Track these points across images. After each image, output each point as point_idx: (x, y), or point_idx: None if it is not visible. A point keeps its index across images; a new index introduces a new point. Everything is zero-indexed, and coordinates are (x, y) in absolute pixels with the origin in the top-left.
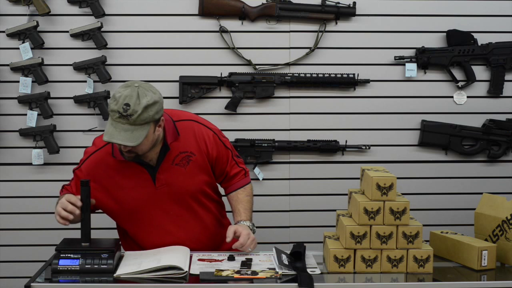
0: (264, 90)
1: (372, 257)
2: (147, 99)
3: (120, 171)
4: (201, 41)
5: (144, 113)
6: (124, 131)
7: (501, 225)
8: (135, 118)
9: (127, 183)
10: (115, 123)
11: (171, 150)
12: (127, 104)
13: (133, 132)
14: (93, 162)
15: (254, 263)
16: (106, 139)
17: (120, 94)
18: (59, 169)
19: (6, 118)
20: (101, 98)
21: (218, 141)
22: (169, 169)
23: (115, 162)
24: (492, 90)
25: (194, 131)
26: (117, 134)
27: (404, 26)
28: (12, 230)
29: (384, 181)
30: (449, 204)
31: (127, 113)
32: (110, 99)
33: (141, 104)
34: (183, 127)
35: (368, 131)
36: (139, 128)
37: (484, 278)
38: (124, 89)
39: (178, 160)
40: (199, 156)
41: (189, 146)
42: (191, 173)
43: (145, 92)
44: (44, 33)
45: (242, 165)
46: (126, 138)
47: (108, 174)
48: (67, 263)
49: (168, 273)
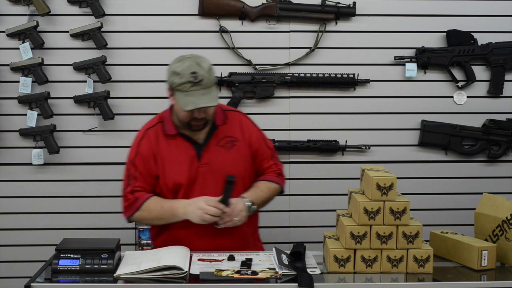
0: (264, 90)
1: (372, 257)
2: (206, 62)
3: (170, 146)
4: (201, 41)
5: (210, 75)
6: (202, 95)
7: (501, 225)
8: (206, 81)
9: (175, 157)
10: (190, 92)
11: (218, 132)
12: (194, 72)
13: (210, 94)
14: (149, 138)
15: (254, 263)
16: (191, 107)
17: (181, 68)
18: (59, 169)
19: (6, 118)
20: (101, 98)
21: (261, 138)
22: (214, 149)
23: (165, 138)
24: (492, 90)
25: (241, 121)
26: (198, 100)
27: (404, 26)
28: (12, 230)
29: (384, 181)
30: (449, 204)
31: (198, 79)
32: (170, 76)
33: (204, 69)
34: (231, 115)
35: (368, 131)
36: (212, 90)
37: (484, 278)
38: (181, 63)
39: (224, 143)
40: (242, 143)
41: (235, 132)
42: (233, 157)
43: (201, 59)
44: (44, 33)
45: (280, 167)
46: (208, 100)
47: (160, 148)
48: (67, 263)
49: (168, 273)
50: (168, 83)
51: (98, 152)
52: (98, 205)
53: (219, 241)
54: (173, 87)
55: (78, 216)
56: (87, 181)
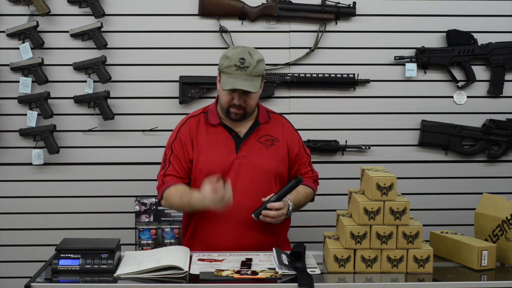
0: (264, 90)
1: (372, 257)
2: (258, 55)
3: (211, 135)
4: (201, 41)
5: (257, 66)
6: (243, 80)
7: (501, 225)
8: (251, 70)
9: (213, 145)
10: (233, 75)
11: (259, 129)
12: (243, 58)
13: (251, 82)
14: (190, 125)
15: (254, 263)
16: (229, 87)
17: (232, 53)
18: (59, 169)
19: (6, 118)
20: (101, 98)
21: (301, 143)
22: (253, 144)
23: (207, 126)
24: (492, 90)
25: (284, 124)
26: (238, 83)
27: (404, 26)
28: (12, 230)
29: (384, 181)
30: (449, 204)
31: (244, 65)
32: (221, 59)
33: (254, 59)
34: (274, 117)
35: (368, 131)
36: (255, 79)
37: (484, 278)
38: (234, 50)
39: (264, 140)
40: (282, 144)
41: (276, 133)
42: (271, 154)
43: (254, 50)
44: (44, 33)
45: (316, 173)
46: (247, 85)
47: (200, 135)
48: (67, 263)
49: (168, 273)
50: (218, 67)
51: (98, 152)
52: (98, 205)
53: (254, 237)
54: (220, 69)
55: (78, 216)
56: (87, 181)
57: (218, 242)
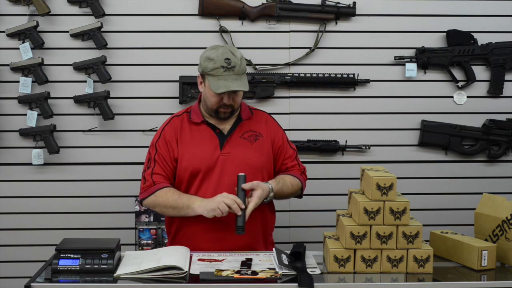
0: (264, 90)
1: (372, 257)
2: (238, 52)
3: (194, 133)
4: (201, 41)
5: (242, 64)
6: (234, 80)
7: (501, 225)
8: (238, 68)
9: (197, 143)
10: (222, 76)
11: (242, 125)
12: (228, 59)
13: (241, 80)
14: (174, 124)
15: (254, 263)
16: (224, 90)
17: (215, 55)
18: (59, 169)
19: (6, 118)
20: (101, 98)
21: (285, 138)
22: (237, 141)
23: (190, 125)
24: (492, 90)
25: (267, 120)
26: (231, 84)
27: (404, 26)
28: (12, 230)
29: (384, 181)
30: (449, 204)
31: (231, 65)
32: (203, 61)
33: (237, 57)
34: (257, 113)
35: (368, 131)
36: (243, 77)
37: (484, 278)
38: (215, 51)
39: (247, 136)
40: (266, 139)
41: (259, 128)
42: (255, 149)
43: (233, 48)
44: (44, 33)
45: (302, 166)
46: (239, 85)
47: (184, 134)
48: (67, 263)
49: (168, 273)
50: (200, 69)
51: (98, 152)
52: (98, 205)
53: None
54: (205, 71)
55: (78, 216)
56: (87, 181)
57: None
